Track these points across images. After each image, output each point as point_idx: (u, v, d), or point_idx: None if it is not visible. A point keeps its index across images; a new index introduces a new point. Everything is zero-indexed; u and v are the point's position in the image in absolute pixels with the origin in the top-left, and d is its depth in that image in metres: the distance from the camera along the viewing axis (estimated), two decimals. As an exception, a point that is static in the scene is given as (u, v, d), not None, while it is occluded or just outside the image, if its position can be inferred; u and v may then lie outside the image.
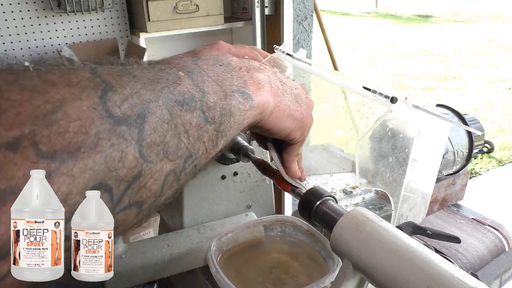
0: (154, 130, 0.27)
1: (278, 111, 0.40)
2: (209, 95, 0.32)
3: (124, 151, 0.25)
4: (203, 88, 0.32)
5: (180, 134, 0.29)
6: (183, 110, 0.30)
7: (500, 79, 5.37)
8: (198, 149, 0.32)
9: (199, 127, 0.31)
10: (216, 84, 0.34)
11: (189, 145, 0.30)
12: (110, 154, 0.25)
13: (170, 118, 0.29)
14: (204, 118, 0.31)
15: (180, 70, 0.32)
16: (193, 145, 0.31)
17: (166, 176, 0.29)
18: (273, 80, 0.40)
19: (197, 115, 0.31)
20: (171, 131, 0.29)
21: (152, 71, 0.30)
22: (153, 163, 0.27)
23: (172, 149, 0.29)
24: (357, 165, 0.45)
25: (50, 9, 1.57)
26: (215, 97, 0.33)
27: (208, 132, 0.32)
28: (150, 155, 0.27)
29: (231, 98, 0.34)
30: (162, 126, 0.28)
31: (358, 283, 0.36)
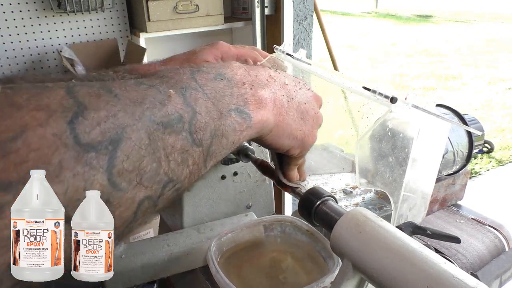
0: (127, 156, 0.26)
1: (278, 130, 0.39)
2: (200, 115, 0.31)
3: (89, 180, 0.24)
4: (195, 107, 0.31)
5: (160, 158, 0.28)
6: (166, 133, 0.28)
7: (500, 79, 5.37)
8: (181, 173, 0.30)
9: (184, 150, 0.30)
10: (212, 102, 0.32)
11: (169, 170, 0.29)
12: (73, 184, 0.24)
13: (149, 143, 0.27)
14: (191, 140, 0.30)
15: (173, 86, 0.31)
16: (174, 169, 0.29)
17: (140, 204, 0.28)
18: (278, 97, 0.39)
19: (182, 137, 0.29)
20: (149, 156, 0.27)
21: (138, 89, 0.29)
22: (123, 191, 0.26)
23: (148, 175, 0.27)
24: (357, 165, 0.45)
25: (50, 9, 1.57)
26: (207, 117, 0.31)
27: (193, 155, 0.31)
28: (121, 183, 0.26)
29: (226, 117, 0.33)
30: (138, 151, 0.27)
31: (358, 283, 0.36)
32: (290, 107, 0.40)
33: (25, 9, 1.56)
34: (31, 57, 1.63)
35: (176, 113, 0.29)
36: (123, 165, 0.26)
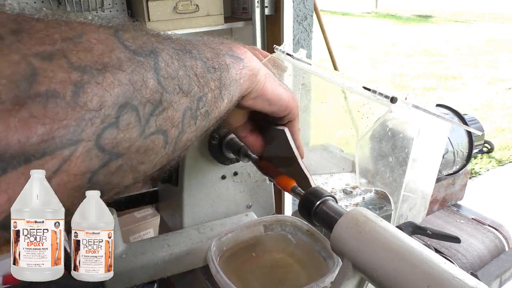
0: (167, 63, 0.29)
1: (270, 78, 0.41)
2: (204, 52, 0.34)
3: (145, 76, 0.27)
4: (197, 46, 0.34)
5: (189, 74, 0.31)
6: (187, 56, 0.31)
7: (500, 79, 5.37)
8: (207, 93, 0.33)
9: (203, 74, 0.32)
10: (206, 46, 0.35)
11: (199, 85, 0.32)
12: (133, 76, 0.26)
13: (178, 58, 0.30)
14: (206, 67, 0.33)
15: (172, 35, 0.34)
16: (203, 87, 0.32)
17: (184, 111, 0.30)
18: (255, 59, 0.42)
19: (200, 64, 0.32)
20: (182, 69, 0.30)
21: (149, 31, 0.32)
22: (170, 94, 0.29)
23: (185, 86, 0.30)
24: (357, 165, 0.45)
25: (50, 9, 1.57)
26: (210, 53, 0.34)
27: (213, 80, 0.33)
28: (168, 86, 0.28)
29: (224, 57, 0.36)
30: (173, 62, 0.29)
31: (358, 283, 0.36)
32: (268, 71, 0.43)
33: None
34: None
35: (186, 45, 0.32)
36: (166, 70, 0.28)
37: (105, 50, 0.25)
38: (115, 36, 0.26)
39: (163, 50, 0.29)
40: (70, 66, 0.23)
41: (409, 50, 6.97)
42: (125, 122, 0.26)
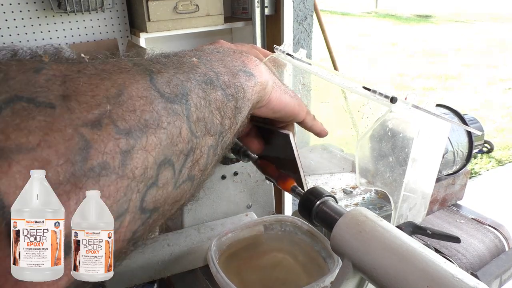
0: (196, 107, 0.29)
1: (277, 88, 0.42)
2: (222, 76, 0.34)
3: (180, 127, 0.27)
4: (216, 70, 0.34)
5: (213, 111, 0.31)
6: (210, 88, 0.32)
7: (500, 79, 5.37)
8: (226, 124, 0.33)
9: (224, 104, 0.33)
10: (223, 66, 0.36)
11: (221, 119, 0.32)
12: (171, 130, 0.26)
13: (204, 96, 0.30)
14: (225, 95, 0.33)
15: (192, 56, 0.34)
16: (223, 120, 0.33)
17: (209, 150, 0.31)
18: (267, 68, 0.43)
19: (220, 93, 0.33)
20: (207, 108, 0.30)
21: (172, 59, 0.32)
22: (199, 138, 0.29)
23: (210, 124, 0.31)
24: (357, 165, 0.45)
25: (50, 9, 1.57)
26: (227, 77, 0.35)
27: (230, 109, 0.34)
28: (197, 130, 0.29)
29: (238, 76, 0.36)
30: (201, 103, 0.30)
31: (358, 283, 0.36)
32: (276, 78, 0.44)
33: (25, 9, 1.56)
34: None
35: (207, 74, 0.33)
36: (196, 114, 0.29)
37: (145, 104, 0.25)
38: (151, 83, 0.26)
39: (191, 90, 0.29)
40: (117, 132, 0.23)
41: (409, 50, 6.97)
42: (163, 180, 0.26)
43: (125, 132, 0.23)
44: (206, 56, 0.36)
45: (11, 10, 1.54)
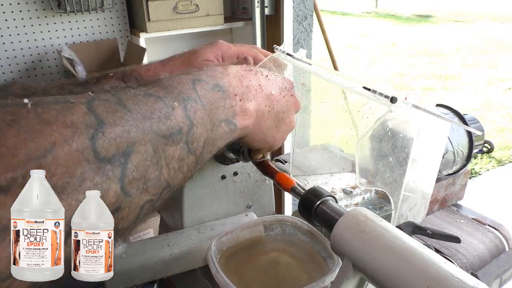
0: (136, 167, 0.29)
1: (253, 135, 0.43)
2: (196, 127, 0.34)
3: (106, 189, 0.27)
4: (193, 120, 0.34)
5: (161, 167, 0.31)
6: (168, 144, 0.32)
7: (500, 79, 5.37)
8: (177, 178, 0.34)
9: (181, 158, 0.33)
10: (207, 114, 0.36)
11: (168, 177, 0.32)
12: None
13: (153, 154, 0.30)
14: (187, 149, 0.34)
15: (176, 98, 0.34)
16: (173, 176, 0.33)
17: (143, 206, 0.31)
18: (261, 108, 0.43)
19: (180, 147, 0.33)
20: (153, 166, 0.30)
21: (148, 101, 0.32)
22: (132, 197, 0.29)
23: (152, 182, 0.31)
24: (357, 165, 0.45)
25: (50, 9, 1.57)
26: (202, 129, 0.35)
27: (188, 162, 0.34)
28: (131, 190, 0.29)
29: (217, 128, 0.37)
30: (144, 163, 0.30)
31: (358, 283, 0.36)
32: (269, 117, 0.44)
33: (25, 9, 1.56)
34: (31, 57, 1.63)
35: (177, 126, 0.33)
36: (133, 175, 0.29)
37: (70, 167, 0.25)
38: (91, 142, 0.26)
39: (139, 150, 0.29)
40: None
41: (409, 50, 6.97)
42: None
43: None
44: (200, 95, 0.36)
45: (11, 10, 1.54)
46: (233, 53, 0.59)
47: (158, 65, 0.58)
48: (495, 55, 6.54)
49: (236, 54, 0.59)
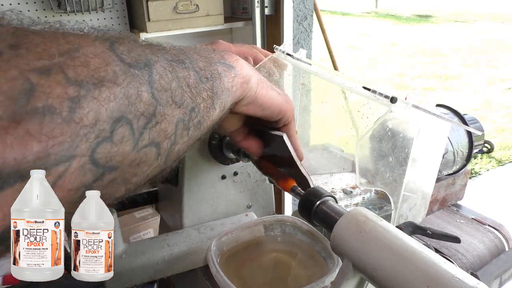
0: (161, 76, 0.29)
1: (262, 84, 0.42)
2: (196, 61, 0.34)
3: (139, 89, 0.27)
4: (190, 56, 0.34)
5: (182, 86, 0.31)
6: (180, 67, 0.32)
7: (500, 79, 5.37)
8: (200, 103, 0.33)
9: (197, 84, 0.33)
10: (199, 55, 0.36)
11: (192, 96, 0.32)
12: (128, 90, 0.26)
13: (171, 70, 0.31)
14: (198, 77, 0.33)
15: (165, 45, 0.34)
16: (195, 98, 0.33)
17: (177, 122, 0.31)
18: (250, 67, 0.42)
19: (192, 74, 0.33)
20: (174, 81, 0.30)
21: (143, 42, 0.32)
22: (164, 106, 0.29)
23: (178, 97, 0.31)
24: (357, 165, 0.45)
25: (50, 9, 1.57)
26: (202, 63, 0.35)
27: (205, 90, 0.34)
28: (161, 97, 0.29)
29: (215, 65, 0.36)
30: (166, 74, 0.30)
31: (358, 283, 0.36)
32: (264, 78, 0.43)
33: (25, 9, 1.56)
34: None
35: (180, 56, 0.33)
36: (160, 82, 0.29)
37: (101, 63, 0.25)
38: (111, 49, 0.27)
39: (157, 62, 0.29)
40: (67, 81, 0.23)
41: (409, 50, 6.97)
42: (119, 136, 0.26)
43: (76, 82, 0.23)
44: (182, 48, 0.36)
45: (11, 10, 1.54)
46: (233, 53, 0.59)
47: None
48: (495, 55, 6.54)
49: (235, 54, 0.59)
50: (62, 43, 0.24)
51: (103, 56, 0.26)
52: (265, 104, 0.42)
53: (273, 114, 0.44)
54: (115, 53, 0.27)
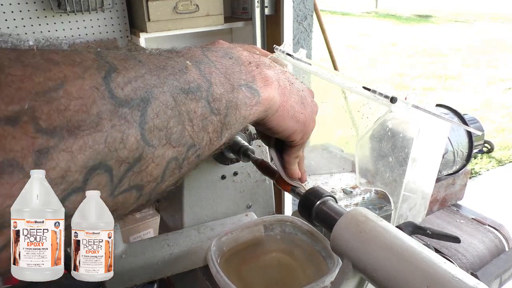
0: (157, 114, 0.27)
1: (283, 110, 0.40)
2: (216, 86, 0.32)
3: (125, 133, 0.25)
4: (210, 79, 0.32)
5: (184, 122, 0.29)
6: (188, 98, 0.29)
7: (500, 79, 5.37)
8: (202, 138, 0.31)
9: (204, 117, 0.31)
10: (224, 76, 0.33)
11: (193, 133, 0.30)
12: (111, 134, 0.24)
13: (174, 105, 0.28)
14: (209, 108, 0.31)
15: (188, 59, 0.32)
16: (197, 134, 0.30)
17: (168, 163, 0.29)
18: (281, 78, 0.40)
19: (202, 104, 0.30)
20: (175, 118, 0.28)
21: (159, 58, 0.30)
22: (155, 148, 0.27)
23: (175, 136, 0.28)
24: (357, 165, 0.45)
25: (50, 9, 1.57)
26: (221, 89, 0.32)
27: (213, 123, 0.32)
28: (152, 139, 0.27)
29: (238, 91, 0.34)
30: (165, 111, 0.28)
31: (358, 283, 0.36)
32: (292, 90, 0.41)
33: (25, 9, 1.56)
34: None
35: (195, 82, 0.30)
36: (154, 122, 0.27)
37: (84, 104, 0.23)
38: (104, 81, 0.24)
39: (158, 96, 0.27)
40: (37, 131, 0.21)
41: (409, 50, 6.97)
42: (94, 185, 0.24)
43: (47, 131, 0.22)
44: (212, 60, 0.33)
45: (11, 10, 1.54)
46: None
47: None
48: (495, 55, 6.54)
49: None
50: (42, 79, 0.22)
51: (89, 94, 0.24)
52: (274, 128, 0.41)
53: (280, 136, 0.43)
54: (108, 87, 0.24)
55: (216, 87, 0.32)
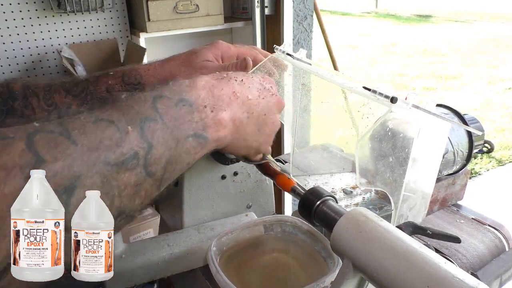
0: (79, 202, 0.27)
1: (234, 144, 0.42)
2: (156, 149, 0.33)
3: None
4: (151, 141, 0.33)
5: (113, 196, 0.30)
6: (121, 172, 0.30)
7: (500, 79, 5.37)
8: (133, 204, 0.32)
9: (137, 184, 0.32)
10: (170, 131, 0.34)
11: (121, 205, 0.31)
12: None
13: (102, 185, 0.29)
14: (145, 173, 0.32)
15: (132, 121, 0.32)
16: (126, 204, 0.31)
17: None
18: (238, 116, 0.41)
19: (136, 172, 0.31)
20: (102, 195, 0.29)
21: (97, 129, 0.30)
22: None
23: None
24: (357, 165, 0.45)
25: (50, 9, 1.57)
26: (162, 149, 0.33)
27: (147, 187, 0.33)
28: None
29: (183, 144, 0.35)
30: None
31: (358, 283, 0.36)
32: (249, 122, 0.43)
33: (25, 9, 1.56)
34: (31, 57, 1.63)
35: (131, 151, 0.31)
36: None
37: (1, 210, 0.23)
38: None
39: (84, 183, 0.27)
40: None
41: (409, 50, 6.97)
42: None
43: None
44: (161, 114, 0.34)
45: (11, 10, 1.54)
46: (232, 54, 0.58)
47: (158, 65, 0.58)
48: (495, 55, 6.53)
49: (235, 55, 0.59)
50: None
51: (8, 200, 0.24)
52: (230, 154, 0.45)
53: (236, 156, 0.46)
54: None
55: (157, 148, 0.33)
